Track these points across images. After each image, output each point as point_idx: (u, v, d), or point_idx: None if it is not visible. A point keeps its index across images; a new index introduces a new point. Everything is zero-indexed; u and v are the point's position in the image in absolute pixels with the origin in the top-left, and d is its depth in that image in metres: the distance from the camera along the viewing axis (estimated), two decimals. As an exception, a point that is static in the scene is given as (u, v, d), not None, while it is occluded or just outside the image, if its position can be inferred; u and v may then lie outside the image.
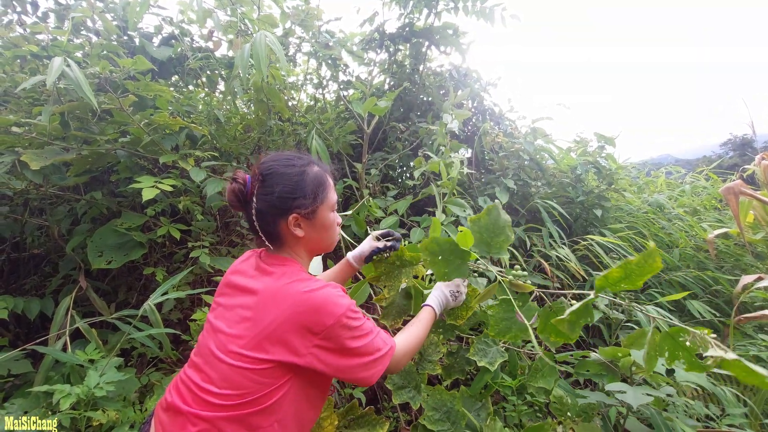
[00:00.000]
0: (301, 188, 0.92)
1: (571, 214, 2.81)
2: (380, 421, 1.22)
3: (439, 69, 3.13)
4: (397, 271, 1.29)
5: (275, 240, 0.96)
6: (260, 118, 2.39)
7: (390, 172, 2.96)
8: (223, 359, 0.82)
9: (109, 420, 1.36)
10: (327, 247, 1.03)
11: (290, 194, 0.91)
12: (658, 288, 2.56)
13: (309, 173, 0.94)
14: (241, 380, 0.80)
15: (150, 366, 1.86)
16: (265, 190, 0.91)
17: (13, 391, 1.58)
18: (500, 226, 1.11)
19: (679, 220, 3.05)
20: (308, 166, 0.96)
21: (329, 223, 0.98)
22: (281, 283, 0.86)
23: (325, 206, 0.96)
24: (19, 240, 2.15)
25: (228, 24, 2.37)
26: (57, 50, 1.90)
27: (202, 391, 0.81)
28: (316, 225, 0.96)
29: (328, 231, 0.99)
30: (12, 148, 1.67)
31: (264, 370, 0.81)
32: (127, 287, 2.17)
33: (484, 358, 1.32)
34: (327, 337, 0.82)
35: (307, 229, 0.95)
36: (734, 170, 3.66)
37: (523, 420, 1.55)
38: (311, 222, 0.95)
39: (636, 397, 1.08)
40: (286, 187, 0.91)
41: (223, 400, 0.80)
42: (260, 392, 0.80)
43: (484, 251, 1.14)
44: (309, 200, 0.93)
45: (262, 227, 0.94)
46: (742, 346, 1.90)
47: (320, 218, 0.96)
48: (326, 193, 0.97)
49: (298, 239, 0.95)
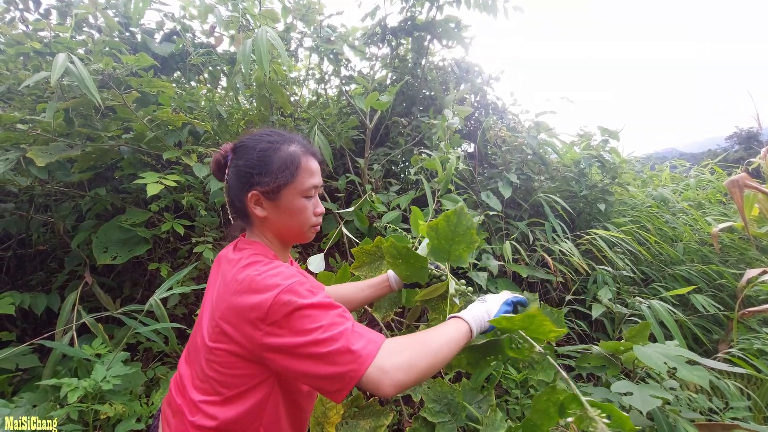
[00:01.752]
0: (265, 164, 0.86)
1: (575, 208, 2.80)
2: (384, 411, 1.23)
3: (441, 63, 3.12)
4: (378, 262, 1.26)
5: (243, 217, 0.93)
6: (262, 113, 2.39)
7: (392, 167, 2.96)
8: (200, 352, 0.81)
9: (116, 413, 1.38)
10: (297, 235, 0.93)
11: (251, 169, 0.86)
12: (662, 282, 2.55)
13: (281, 150, 0.87)
14: (212, 374, 0.78)
15: (156, 360, 1.88)
16: (236, 161, 0.89)
17: (22, 386, 1.60)
18: (460, 233, 1.04)
19: (684, 213, 3.03)
20: (284, 143, 0.89)
21: (296, 208, 0.89)
22: (237, 267, 0.80)
23: (293, 189, 0.87)
24: (25, 237, 2.17)
25: (229, 19, 2.36)
26: (60, 47, 1.90)
27: (192, 386, 0.82)
28: (281, 207, 0.88)
29: (295, 217, 0.89)
30: (17, 145, 1.68)
31: (227, 363, 0.77)
32: (132, 283, 2.19)
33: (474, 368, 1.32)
34: (273, 324, 0.71)
35: (270, 210, 0.88)
36: (740, 164, 3.63)
37: (525, 413, 1.56)
38: (275, 203, 0.88)
39: (644, 401, 1.05)
40: (249, 161, 0.87)
41: (204, 395, 0.79)
42: (235, 389, 0.77)
43: (443, 259, 1.09)
44: (270, 178, 0.85)
45: (230, 201, 0.92)
46: (746, 340, 1.89)
47: (285, 201, 0.87)
48: (296, 175, 0.87)
49: (263, 220, 0.90)
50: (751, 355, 1.66)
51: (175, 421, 0.82)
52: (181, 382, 0.85)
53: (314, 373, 0.69)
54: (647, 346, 1.12)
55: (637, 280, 2.54)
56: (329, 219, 2.37)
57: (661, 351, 1.09)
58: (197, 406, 0.78)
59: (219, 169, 0.94)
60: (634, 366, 1.25)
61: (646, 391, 1.10)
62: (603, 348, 1.22)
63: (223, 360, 0.76)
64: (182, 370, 0.87)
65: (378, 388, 0.68)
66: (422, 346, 0.75)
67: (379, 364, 0.69)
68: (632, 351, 1.13)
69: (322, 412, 1.15)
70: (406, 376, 0.70)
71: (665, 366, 1.02)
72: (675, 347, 1.12)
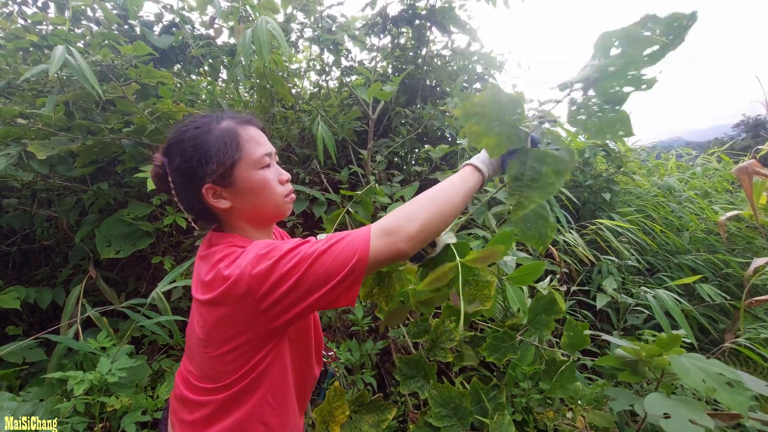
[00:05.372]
0: (203, 152, 0.76)
1: (579, 198, 2.78)
2: (387, 406, 1.23)
3: (443, 52, 3.08)
4: (388, 279, 1.15)
5: (206, 218, 0.84)
6: (263, 105, 2.38)
7: (395, 159, 2.94)
8: (196, 345, 0.80)
9: (122, 405, 1.39)
10: (273, 212, 0.84)
11: (190, 162, 0.76)
12: (668, 272, 2.53)
13: (212, 132, 0.78)
14: (211, 362, 0.77)
15: (161, 353, 1.89)
16: (172, 164, 0.79)
17: (29, 379, 1.61)
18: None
19: (690, 202, 3.00)
20: (212, 123, 0.79)
21: (258, 184, 0.79)
22: (208, 265, 0.76)
23: (244, 165, 0.78)
24: (29, 232, 2.18)
25: (229, 10, 2.33)
26: (58, 40, 1.88)
27: (194, 378, 0.81)
28: (242, 190, 0.79)
29: (261, 194, 0.80)
30: (18, 140, 1.68)
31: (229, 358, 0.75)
32: (136, 277, 2.20)
33: (494, 354, 1.31)
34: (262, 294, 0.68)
35: (231, 197, 0.79)
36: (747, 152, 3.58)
37: (532, 406, 1.55)
38: (233, 189, 0.79)
39: (684, 428, 0.90)
40: (185, 156, 0.76)
41: (204, 382, 0.79)
42: (235, 374, 0.76)
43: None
44: (215, 164, 0.76)
45: (188, 208, 0.82)
46: (752, 329, 1.88)
47: (241, 181, 0.78)
48: (241, 150, 0.78)
49: (230, 211, 0.81)
50: (758, 344, 1.65)
51: (183, 412, 0.83)
52: (185, 375, 0.85)
53: (329, 288, 0.68)
54: (684, 356, 1.02)
55: (642, 270, 2.53)
56: (332, 211, 2.35)
57: (700, 365, 0.97)
58: (200, 394, 0.79)
59: (161, 180, 0.82)
60: (662, 374, 1.17)
61: (685, 414, 0.94)
62: (625, 351, 1.18)
63: (220, 345, 0.75)
64: (185, 363, 0.87)
65: (395, 249, 0.68)
66: (417, 200, 0.74)
67: (379, 231, 0.69)
68: (663, 358, 1.06)
69: (328, 412, 1.15)
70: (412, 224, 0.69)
71: (704, 385, 0.93)
72: (716, 363, 0.98)
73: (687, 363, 0.98)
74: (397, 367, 1.35)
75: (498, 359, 1.30)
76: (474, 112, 0.69)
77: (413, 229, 0.69)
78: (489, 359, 1.30)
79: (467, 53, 2.94)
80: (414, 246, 0.70)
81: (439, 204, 0.73)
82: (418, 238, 0.69)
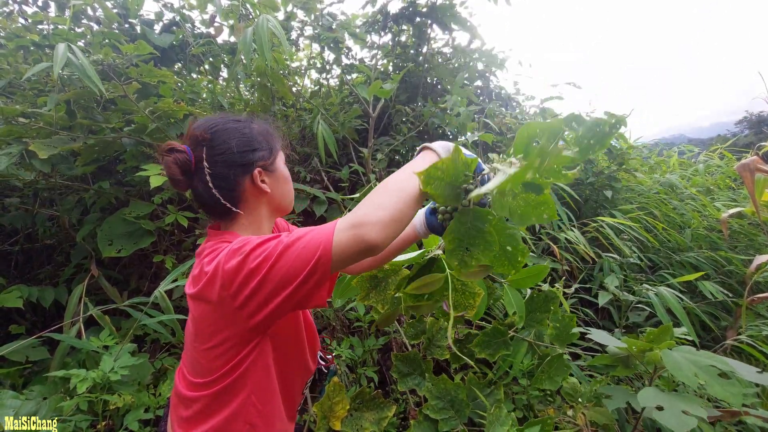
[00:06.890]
0: (256, 140, 0.85)
1: (581, 195, 2.77)
2: (387, 404, 1.24)
3: (444, 49, 3.07)
4: (384, 283, 1.15)
5: (238, 203, 0.84)
6: (264, 103, 2.37)
7: (396, 157, 2.93)
8: (190, 342, 0.82)
9: (125, 403, 1.40)
10: (289, 203, 0.93)
11: (249, 146, 0.84)
12: (670, 269, 2.53)
13: (254, 126, 0.88)
14: (203, 360, 0.78)
15: (163, 351, 1.90)
16: (219, 149, 0.82)
17: (32, 378, 1.62)
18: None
19: (692, 200, 2.99)
20: (249, 120, 0.89)
21: (287, 174, 0.92)
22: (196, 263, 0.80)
23: (280, 156, 0.91)
24: (32, 231, 2.19)
25: (229, 9, 2.33)
26: (58, 39, 1.89)
27: (187, 372, 0.83)
28: (279, 178, 0.89)
29: (287, 184, 0.91)
30: (20, 139, 1.68)
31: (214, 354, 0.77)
32: (138, 275, 2.21)
33: (486, 350, 1.31)
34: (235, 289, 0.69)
35: (271, 183, 0.87)
36: (750, 148, 3.56)
37: (532, 403, 1.55)
38: (274, 175, 0.88)
39: (678, 420, 0.89)
40: (242, 140, 0.83)
41: (194, 377, 0.80)
42: (220, 370, 0.77)
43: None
44: (266, 151, 0.86)
45: (225, 193, 0.82)
46: (754, 326, 1.88)
47: (278, 169, 0.89)
48: (278, 144, 0.91)
49: (262, 197, 0.86)
50: (760, 342, 1.64)
51: (180, 408, 0.84)
52: (182, 369, 0.87)
53: (294, 287, 0.66)
54: (676, 350, 1.00)
55: (644, 268, 2.52)
56: (333, 210, 2.36)
57: (692, 358, 0.97)
58: (191, 389, 0.80)
59: (184, 170, 0.82)
60: (656, 370, 1.16)
61: (679, 405, 0.93)
62: (619, 348, 1.16)
63: (206, 339, 0.76)
64: (183, 358, 0.89)
65: (362, 240, 0.65)
66: (380, 189, 0.71)
67: (345, 224, 0.66)
68: (655, 353, 1.04)
69: (328, 407, 1.16)
70: (382, 212, 0.66)
71: (696, 379, 0.91)
72: (707, 355, 0.98)
73: (678, 356, 0.97)
74: (393, 365, 1.35)
75: (490, 355, 1.30)
76: (436, 176, 0.70)
77: (385, 218, 0.66)
78: (480, 355, 1.30)
79: (468, 51, 2.93)
80: (387, 235, 0.66)
81: (407, 189, 0.70)
82: (391, 226, 0.66)
